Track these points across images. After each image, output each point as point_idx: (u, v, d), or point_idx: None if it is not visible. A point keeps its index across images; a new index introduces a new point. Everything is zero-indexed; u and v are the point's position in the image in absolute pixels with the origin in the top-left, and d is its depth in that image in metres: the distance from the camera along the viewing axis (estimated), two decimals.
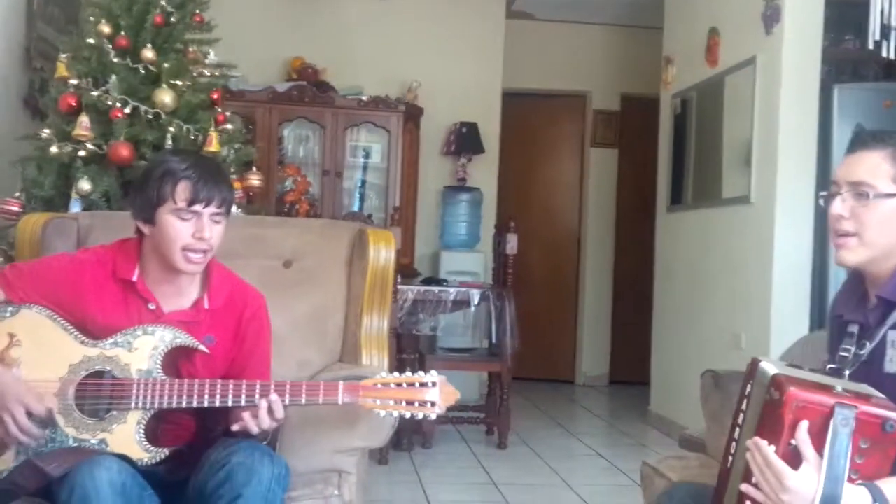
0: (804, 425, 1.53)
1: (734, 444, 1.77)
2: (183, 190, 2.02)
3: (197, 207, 2.03)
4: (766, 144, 4.61)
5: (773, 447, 1.55)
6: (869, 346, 1.73)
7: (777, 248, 4.50)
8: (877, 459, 1.53)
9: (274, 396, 1.97)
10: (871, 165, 1.75)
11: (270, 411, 1.97)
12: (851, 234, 1.76)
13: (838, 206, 1.77)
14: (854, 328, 1.80)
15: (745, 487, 1.60)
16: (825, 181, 4.47)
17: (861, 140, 1.81)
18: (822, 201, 1.85)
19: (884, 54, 4.31)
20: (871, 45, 4.33)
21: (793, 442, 1.54)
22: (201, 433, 2.12)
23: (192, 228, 2.03)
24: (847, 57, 5.06)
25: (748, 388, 1.76)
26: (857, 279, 1.88)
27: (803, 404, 1.53)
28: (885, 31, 4.27)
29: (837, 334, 1.87)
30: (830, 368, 1.77)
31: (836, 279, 4.45)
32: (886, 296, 1.75)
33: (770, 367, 1.68)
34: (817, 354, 2.79)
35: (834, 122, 4.53)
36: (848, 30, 4.98)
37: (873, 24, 4.28)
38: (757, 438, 1.58)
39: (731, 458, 1.76)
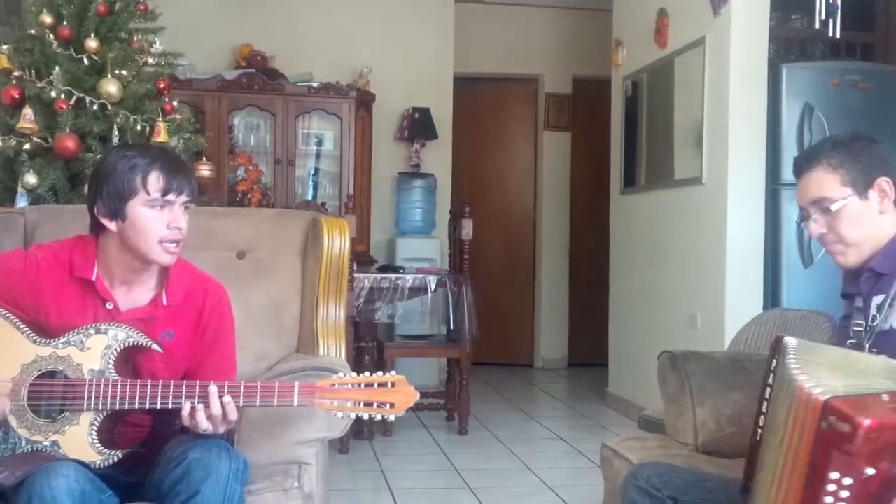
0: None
1: (762, 417, 1.83)
2: (155, 180, 1.98)
3: (171, 197, 2.00)
4: (717, 125, 4.65)
5: (848, 479, 1.53)
6: (880, 317, 1.88)
7: (730, 229, 4.54)
8: None
9: (227, 398, 1.93)
10: (818, 182, 1.95)
11: (224, 414, 1.93)
12: (837, 242, 1.95)
13: (815, 227, 1.97)
14: (860, 302, 1.96)
15: None
16: (775, 160, 4.54)
17: (799, 165, 2.01)
18: (801, 226, 2.08)
19: (830, 33, 4.35)
20: (817, 24, 4.38)
21: (869, 471, 1.52)
22: (157, 431, 2.08)
23: (166, 219, 2.00)
24: (794, 36, 5.12)
25: (773, 363, 1.82)
26: None
27: (877, 433, 1.51)
28: (831, 9, 4.31)
29: (847, 311, 2.04)
30: (851, 344, 1.90)
31: (789, 257, 4.52)
32: (875, 267, 1.93)
33: (797, 361, 1.67)
34: (770, 333, 2.83)
35: (783, 102, 4.58)
36: (794, 9, 5.03)
37: (819, 2, 4.32)
38: None
39: (759, 430, 1.83)
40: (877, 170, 1.92)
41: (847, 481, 1.53)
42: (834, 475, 1.54)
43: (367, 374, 1.97)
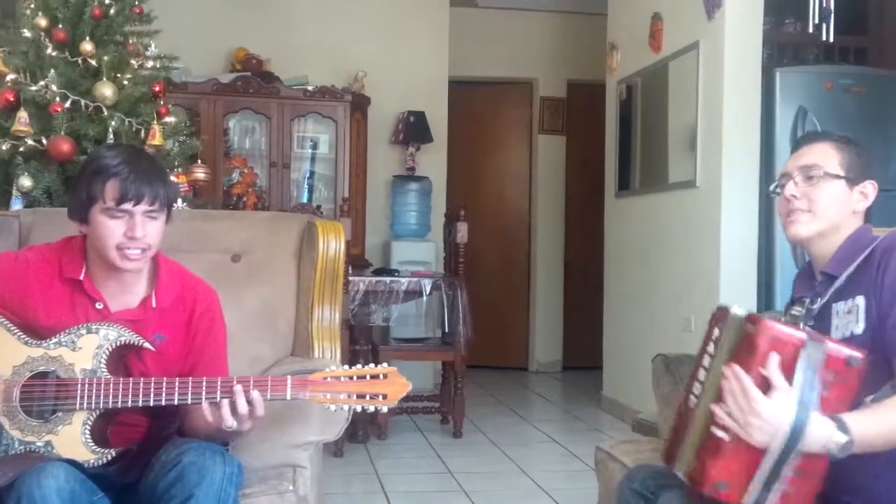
0: (775, 357, 1.61)
1: (698, 384, 1.84)
2: (112, 188, 1.96)
3: (127, 206, 1.97)
4: (711, 129, 4.66)
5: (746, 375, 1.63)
6: (820, 302, 1.90)
7: (724, 232, 4.55)
8: (840, 391, 1.63)
9: (255, 393, 1.94)
10: (819, 151, 1.97)
11: (251, 411, 1.93)
12: (804, 210, 1.94)
13: (791, 188, 1.96)
14: (805, 299, 1.97)
15: (714, 407, 1.66)
16: (769, 164, 4.54)
17: (807, 136, 2.07)
18: (772, 193, 2.04)
19: (823, 37, 4.37)
20: (811, 29, 4.40)
21: (763, 371, 1.62)
22: (153, 433, 2.08)
23: (123, 227, 1.98)
24: (788, 40, 5.14)
25: (715, 332, 1.85)
26: (808, 268, 2.05)
27: (777, 335, 1.63)
28: (825, 14, 4.33)
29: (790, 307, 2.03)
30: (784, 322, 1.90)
31: (783, 261, 4.53)
32: (830, 271, 1.92)
33: (742, 310, 1.78)
34: None
35: (777, 106, 4.59)
36: (788, 13, 5.05)
37: (813, 7, 4.34)
38: (735, 365, 1.65)
39: (693, 397, 1.84)
40: (869, 173, 1.96)
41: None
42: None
43: (359, 366, 1.98)
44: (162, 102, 3.67)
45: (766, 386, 1.61)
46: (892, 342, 1.72)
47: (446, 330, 5.20)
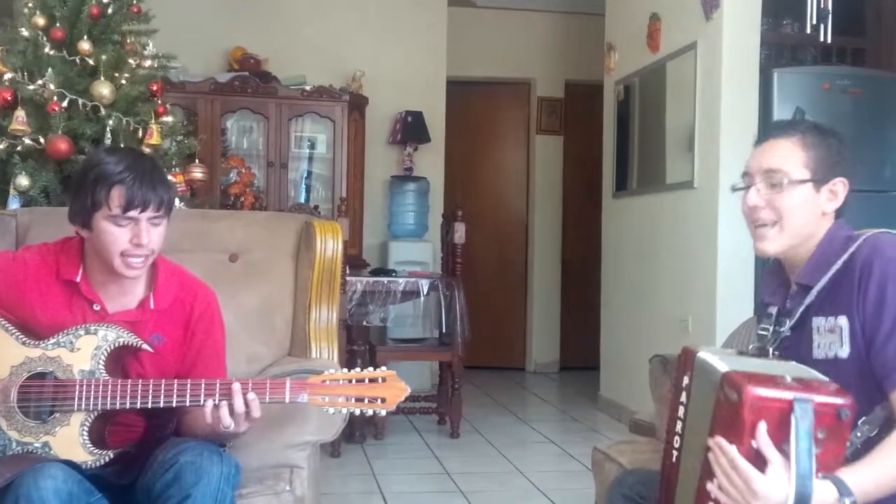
0: (763, 427, 1.49)
1: (677, 437, 1.76)
2: (118, 196, 1.94)
3: (133, 213, 1.95)
4: (708, 129, 4.66)
5: (734, 447, 1.52)
6: (789, 324, 1.79)
7: (721, 233, 4.55)
8: (834, 447, 1.52)
9: (251, 395, 1.93)
10: (783, 152, 1.80)
11: (248, 412, 1.93)
12: (770, 223, 1.81)
13: (754, 197, 1.82)
14: (773, 310, 1.86)
15: (712, 487, 1.55)
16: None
17: (771, 129, 1.88)
18: (735, 193, 1.91)
19: (821, 38, 4.37)
20: (808, 30, 4.40)
21: (754, 443, 1.50)
22: (150, 434, 2.08)
23: (129, 234, 1.96)
24: (785, 41, 5.14)
25: (685, 380, 1.76)
26: (778, 265, 1.93)
27: (762, 403, 1.50)
28: (822, 15, 4.34)
29: (759, 319, 1.94)
30: (753, 348, 1.82)
31: None
32: (805, 281, 1.80)
33: (712, 359, 1.66)
34: None
35: (774, 106, 4.58)
36: (786, 14, 5.05)
37: (811, 8, 4.34)
38: (720, 439, 1.53)
39: (675, 452, 1.76)
40: (840, 170, 1.80)
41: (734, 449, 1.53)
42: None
43: (357, 369, 1.98)
44: (159, 102, 3.66)
45: (757, 458, 1.50)
46: (882, 364, 1.64)
47: (443, 330, 5.19)
